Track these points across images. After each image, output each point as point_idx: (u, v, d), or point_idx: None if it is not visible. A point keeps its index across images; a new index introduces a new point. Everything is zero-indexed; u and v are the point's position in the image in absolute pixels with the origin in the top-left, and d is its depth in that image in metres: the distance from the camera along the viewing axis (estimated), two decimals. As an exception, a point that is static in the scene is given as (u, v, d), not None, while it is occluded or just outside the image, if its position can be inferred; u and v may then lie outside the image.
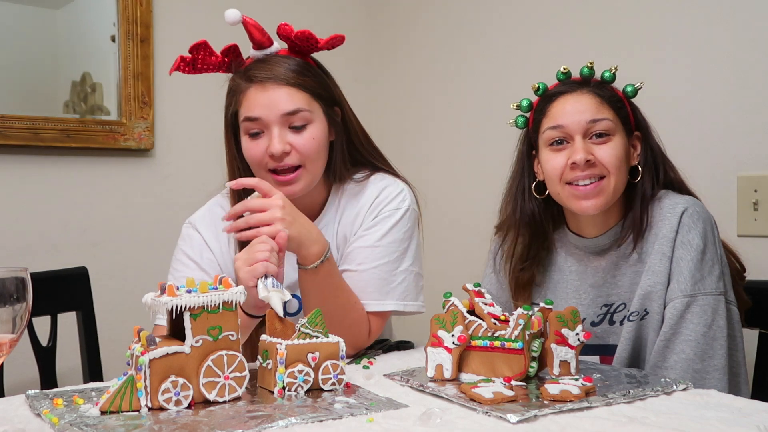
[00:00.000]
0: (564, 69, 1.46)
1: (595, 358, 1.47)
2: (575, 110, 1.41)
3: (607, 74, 1.45)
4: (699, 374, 1.35)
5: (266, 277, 1.28)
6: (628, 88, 1.44)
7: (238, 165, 1.53)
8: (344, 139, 1.56)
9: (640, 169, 1.45)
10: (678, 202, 1.43)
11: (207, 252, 1.55)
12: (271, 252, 1.30)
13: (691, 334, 1.36)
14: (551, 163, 1.44)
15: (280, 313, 1.21)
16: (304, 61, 1.52)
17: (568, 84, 1.45)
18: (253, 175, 1.51)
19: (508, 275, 1.59)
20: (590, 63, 1.44)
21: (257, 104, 1.45)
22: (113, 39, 2.24)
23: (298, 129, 1.47)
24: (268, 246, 1.30)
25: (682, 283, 1.38)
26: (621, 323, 1.45)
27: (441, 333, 1.23)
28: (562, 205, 1.48)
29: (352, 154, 1.58)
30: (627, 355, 1.42)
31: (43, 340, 1.74)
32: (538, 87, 1.49)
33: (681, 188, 1.50)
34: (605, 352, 1.47)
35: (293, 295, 1.40)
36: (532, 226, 1.54)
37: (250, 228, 1.35)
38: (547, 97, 1.46)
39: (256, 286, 1.27)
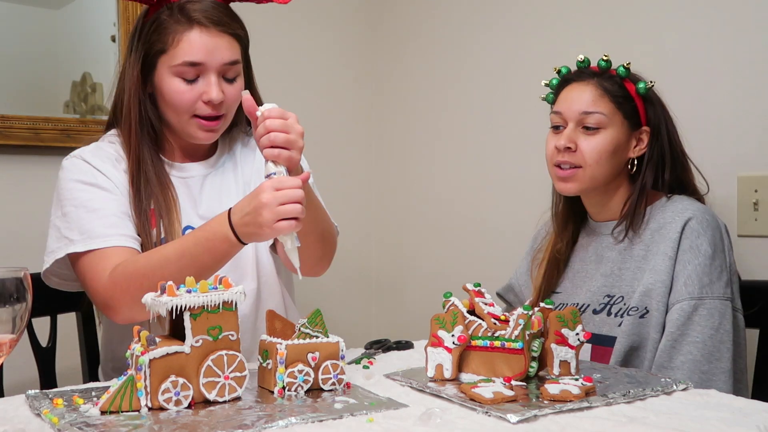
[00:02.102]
0: (581, 58, 1.55)
1: (588, 347, 1.49)
2: (575, 100, 1.52)
3: (621, 69, 1.52)
4: (706, 375, 1.36)
5: None
6: (640, 85, 1.51)
7: (144, 103, 1.48)
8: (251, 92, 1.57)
9: (635, 162, 1.53)
10: (687, 207, 1.47)
11: (102, 177, 1.47)
12: (303, 202, 1.26)
13: (698, 336, 1.37)
14: (548, 144, 1.57)
15: (298, 271, 1.26)
16: (231, 9, 1.51)
17: (580, 73, 1.55)
18: (157, 117, 1.50)
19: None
20: (606, 56, 1.53)
21: (201, 48, 1.42)
22: (113, 39, 2.24)
23: (229, 81, 1.48)
24: (301, 194, 1.25)
25: (690, 286, 1.40)
26: (616, 315, 1.48)
27: (441, 333, 1.23)
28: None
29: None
30: (623, 349, 1.44)
31: (43, 341, 1.74)
32: (560, 70, 1.60)
33: (690, 192, 1.55)
34: (598, 341, 1.50)
35: None
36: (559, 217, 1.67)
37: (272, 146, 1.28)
38: (562, 82, 1.59)
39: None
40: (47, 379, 1.73)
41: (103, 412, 1.04)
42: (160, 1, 1.48)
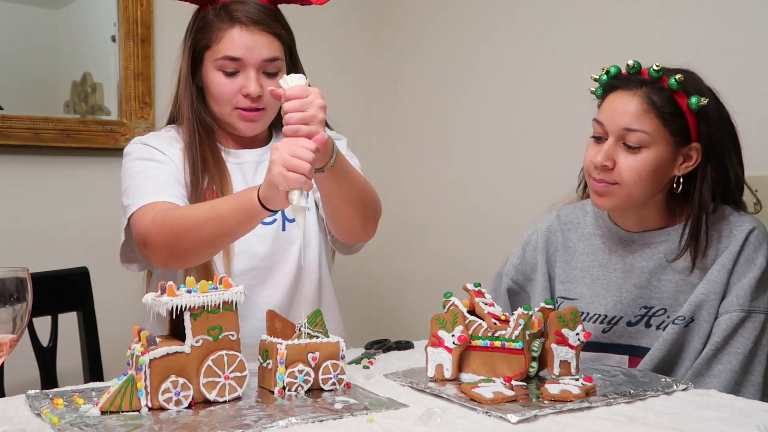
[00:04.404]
0: (631, 63, 1.43)
1: (625, 358, 1.47)
2: (618, 111, 1.41)
3: (672, 82, 1.39)
4: (738, 386, 1.35)
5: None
6: (692, 100, 1.39)
7: (193, 95, 1.59)
8: None
9: (680, 179, 1.43)
10: (745, 220, 1.44)
11: (157, 152, 1.57)
12: (313, 163, 1.26)
13: (740, 348, 1.36)
14: (587, 153, 1.46)
15: (302, 230, 1.28)
16: (277, 10, 1.60)
17: (628, 80, 1.43)
18: (206, 108, 1.59)
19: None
20: (657, 65, 1.41)
21: (241, 45, 1.53)
22: (114, 39, 2.24)
23: (270, 75, 1.56)
24: (312, 156, 1.26)
25: (742, 298, 1.38)
26: (658, 327, 1.45)
27: (441, 333, 1.23)
28: None
29: None
30: (660, 356, 1.41)
31: (44, 341, 1.74)
32: (609, 70, 1.46)
33: (738, 206, 1.49)
34: (635, 353, 1.46)
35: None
36: None
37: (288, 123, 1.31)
38: (609, 86, 1.46)
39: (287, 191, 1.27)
40: (48, 378, 1.73)
41: (103, 412, 1.04)
42: (209, 1, 1.58)
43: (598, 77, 1.49)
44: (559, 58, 2.16)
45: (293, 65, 1.64)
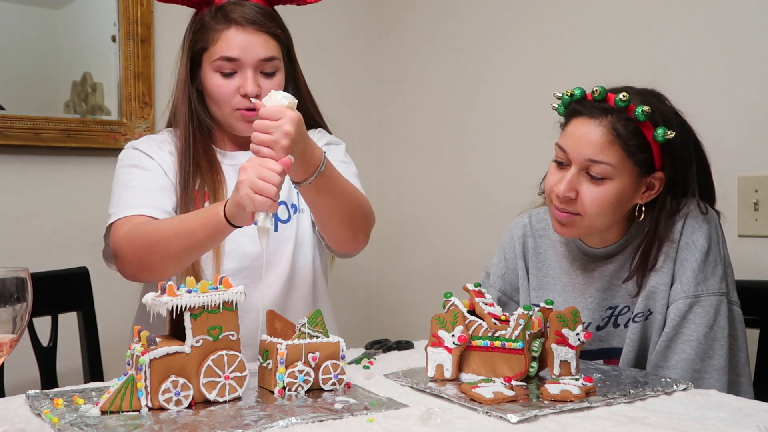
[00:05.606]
0: (597, 90, 1.37)
1: (600, 362, 1.47)
2: (582, 141, 1.37)
3: (639, 113, 1.34)
4: (698, 374, 1.35)
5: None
6: (658, 132, 1.35)
7: (193, 98, 1.60)
8: (296, 92, 1.63)
9: (643, 209, 1.42)
10: (682, 207, 1.43)
11: (145, 157, 1.59)
12: (279, 186, 1.26)
13: (692, 335, 1.36)
14: (549, 177, 1.45)
15: (263, 249, 1.26)
16: (273, 11, 1.61)
17: (592, 106, 1.38)
18: (206, 110, 1.61)
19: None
20: (624, 95, 1.35)
21: (237, 45, 1.54)
22: (114, 39, 2.24)
23: (268, 75, 1.57)
24: (278, 179, 1.26)
25: (686, 284, 1.38)
26: (625, 326, 1.45)
27: (441, 333, 1.23)
28: None
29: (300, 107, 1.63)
30: (633, 356, 1.42)
31: (44, 341, 1.74)
32: (573, 92, 1.41)
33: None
34: (609, 355, 1.47)
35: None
36: None
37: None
38: (572, 110, 1.42)
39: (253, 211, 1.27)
40: (48, 378, 1.73)
41: (103, 412, 1.04)
42: (205, 3, 1.59)
43: (560, 96, 1.44)
44: (559, 60, 2.16)
45: (291, 66, 1.64)
